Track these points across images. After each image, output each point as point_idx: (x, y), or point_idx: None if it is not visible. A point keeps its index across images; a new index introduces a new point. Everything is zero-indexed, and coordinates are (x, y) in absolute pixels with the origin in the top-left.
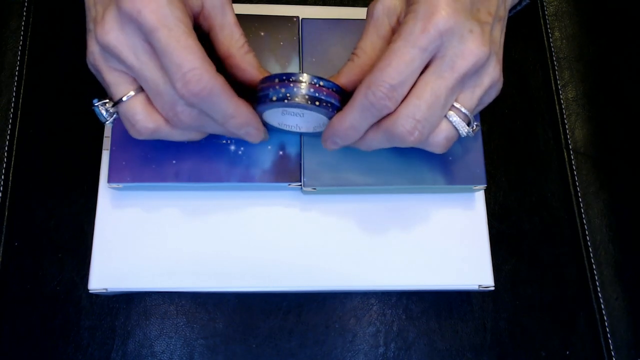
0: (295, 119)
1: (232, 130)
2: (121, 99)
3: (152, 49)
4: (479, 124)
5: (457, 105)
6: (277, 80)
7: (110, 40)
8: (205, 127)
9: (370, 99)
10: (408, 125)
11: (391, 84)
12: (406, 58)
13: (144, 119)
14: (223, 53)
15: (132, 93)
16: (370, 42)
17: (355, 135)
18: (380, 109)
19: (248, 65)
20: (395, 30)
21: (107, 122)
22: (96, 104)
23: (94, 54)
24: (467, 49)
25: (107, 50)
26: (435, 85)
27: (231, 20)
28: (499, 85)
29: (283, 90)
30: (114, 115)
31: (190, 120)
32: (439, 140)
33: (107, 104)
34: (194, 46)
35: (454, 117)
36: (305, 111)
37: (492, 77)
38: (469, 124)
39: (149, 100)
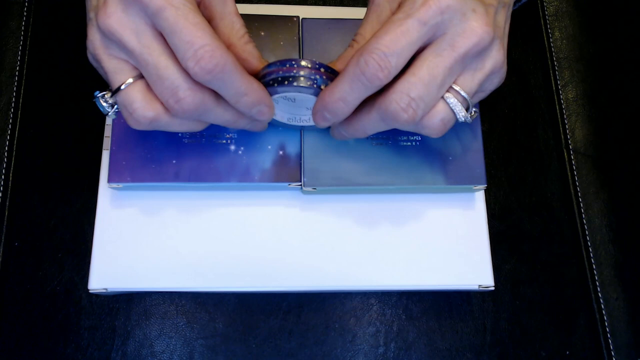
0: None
1: (244, 109)
2: (119, 87)
3: (155, 32)
4: (477, 110)
5: (456, 87)
6: (286, 65)
7: (112, 23)
8: (205, 116)
9: (362, 66)
10: (402, 102)
11: (384, 52)
12: (403, 28)
13: (142, 107)
14: (223, 43)
15: (130, 80)
16: (371, 28)
17: (344, 109)
18: (371, 79)
19: (249, 55)
20: None
21: (109, 114)
22: (97, 96)
23: (94, 42)
24: (469, 28)
25: (108, 36)
26: (432, 63)
27: (232, 10)
28: (503, 73)
29: (285, 72)
30: (115, 107)
31: (192, 106)
32: (434, 122)
33: (106, 95)
34: (202, 23)
35: (452, 99)
36: (290, 97)
37: (495, 61)
38: (467, 110)
39: (148, 88)
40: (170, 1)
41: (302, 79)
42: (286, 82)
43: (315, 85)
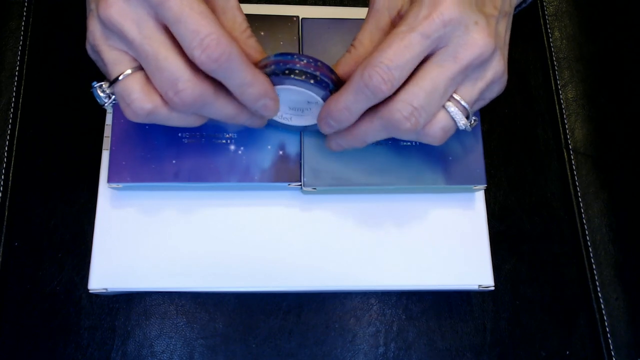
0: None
1: (248, 101)
2: (117, 77)
3: (157, 23)
4: (477, 119)
5: (456, 96)
6: (278, 58)
7: (112, 13)
8: (204, 109)
9: (366, 79)
10: (405, 111)
11: (388, 66)
12: (406, 42)
13: (140, 99)
14: None
15: (129, 71)
16: (369, 34)
17: (349, 118)
18: (375, 91)
19: (251, 49)
20: (395, 24)
21: (105, 105)
22: (94, 86)
23: (94, 32)
24: (471, 40)
25: (109, 26)
26: (435, 73)
27: (234, 4)
28: (503, 82)
29: (304, 67)
30: (112, 98)
31: (190, 99)
32: (435, 131)
33: (103, 85)
34: (207, 12)
35: (452, 108)
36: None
37: (495, 71)
38: (467, 118)
39: (147, 79)
40: None
41: (318, 78)
42: (304, 77)
43: (328, 89)
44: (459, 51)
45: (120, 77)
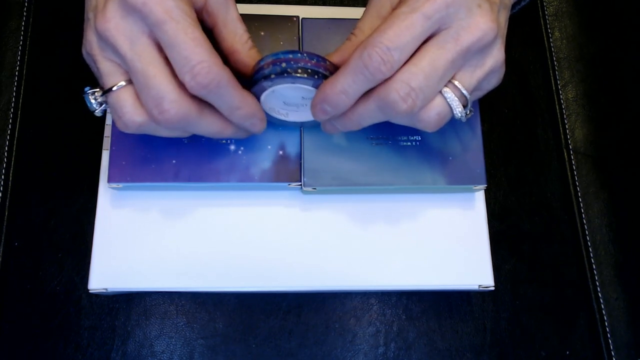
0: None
1: (237, 121)
2: (111, 88)
3: (150, 41)
4: (472, 110)
5: (455, 82)
6: (277, 58)
7: (108, 28)
8: (189, 127)
9: (365, 60)
10: (402, 91)
11: (388, 46)
12: (407, 22)
13: (131, 112)
14: (227, 49)
15: (122, 83)
16: (370, 22)
17: (345, 102)
18: (374, 72)
19: (252, 61)
20: None
21: (96, 112)
22: (87, 92)
23: (91, 43)
24: (474, 23)
25: (104, 39)
26: (435, 55)
27: (234, 16)
28: (501, 72)
29: (283, 65)
30: (103, 106)
31: (175, 118)
32: (430, 116)
33: (96, 93)
34: (201, 39)
35: (450, 94)
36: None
37: (495, 59)
38: (464, 106)
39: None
40: (170, 14)
41: (318, 74)
42: (304, 75)
43: (316, 77)
44: (460, 33)
45: (114, 89)
